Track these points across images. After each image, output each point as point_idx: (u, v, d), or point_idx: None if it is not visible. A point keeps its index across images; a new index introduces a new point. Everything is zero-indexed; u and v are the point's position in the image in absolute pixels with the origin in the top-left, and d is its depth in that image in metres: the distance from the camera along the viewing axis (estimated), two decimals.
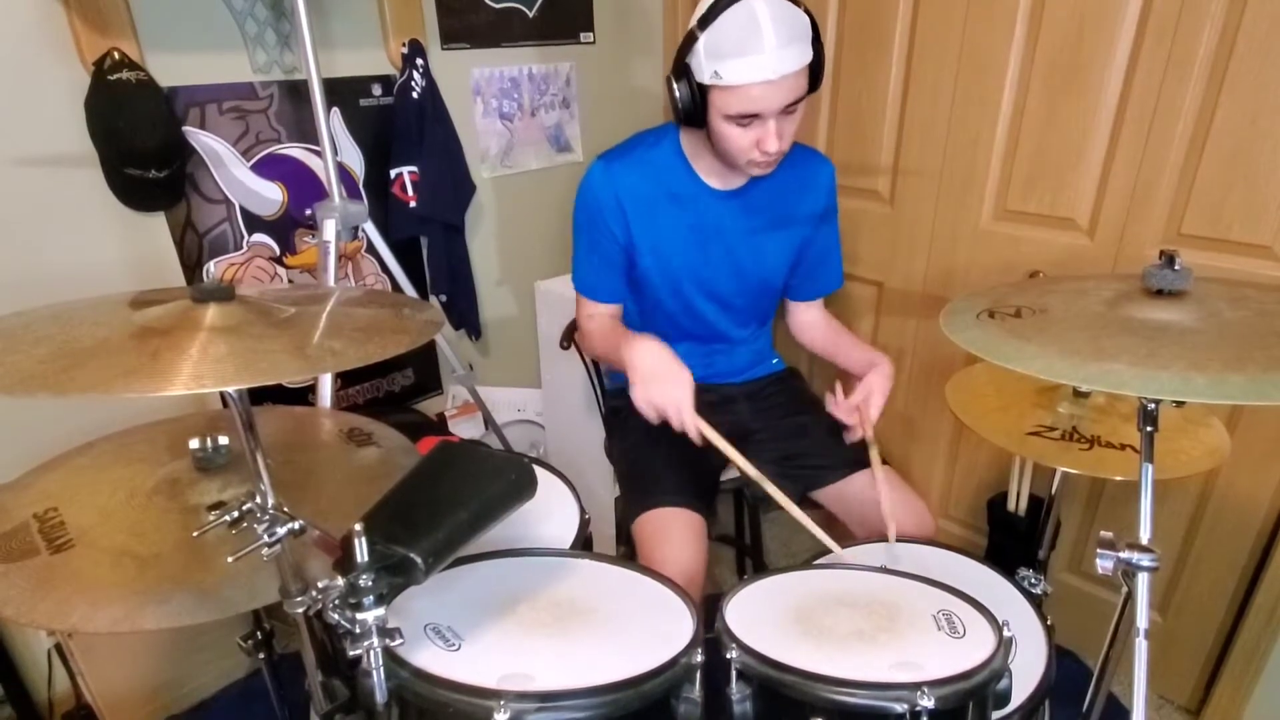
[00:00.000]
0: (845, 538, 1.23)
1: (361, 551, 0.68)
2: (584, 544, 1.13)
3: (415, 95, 1.68)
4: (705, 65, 1.07)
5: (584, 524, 1.15)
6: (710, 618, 0.90)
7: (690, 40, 1.08)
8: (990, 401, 1.25)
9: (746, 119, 1.10)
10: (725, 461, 1.40)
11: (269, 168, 1.59)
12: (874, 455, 1.28)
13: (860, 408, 1.27)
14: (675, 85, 1.12)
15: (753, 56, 1.03)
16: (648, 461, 1.32)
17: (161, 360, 0.64)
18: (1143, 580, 0.79)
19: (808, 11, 1.10)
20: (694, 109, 1.13)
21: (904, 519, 1.24)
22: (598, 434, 1.58)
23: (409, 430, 1.12)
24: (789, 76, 1.06)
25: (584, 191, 1.28)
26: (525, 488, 0.82)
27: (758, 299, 1.41)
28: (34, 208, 1.33)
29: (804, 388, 1.49)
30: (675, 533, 1.20)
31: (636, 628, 0.88)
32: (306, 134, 1.61)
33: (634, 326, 1.42)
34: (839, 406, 1.29)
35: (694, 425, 1.10)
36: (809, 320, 1.50)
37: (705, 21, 1.06)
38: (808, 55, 1.09)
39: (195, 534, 0.84)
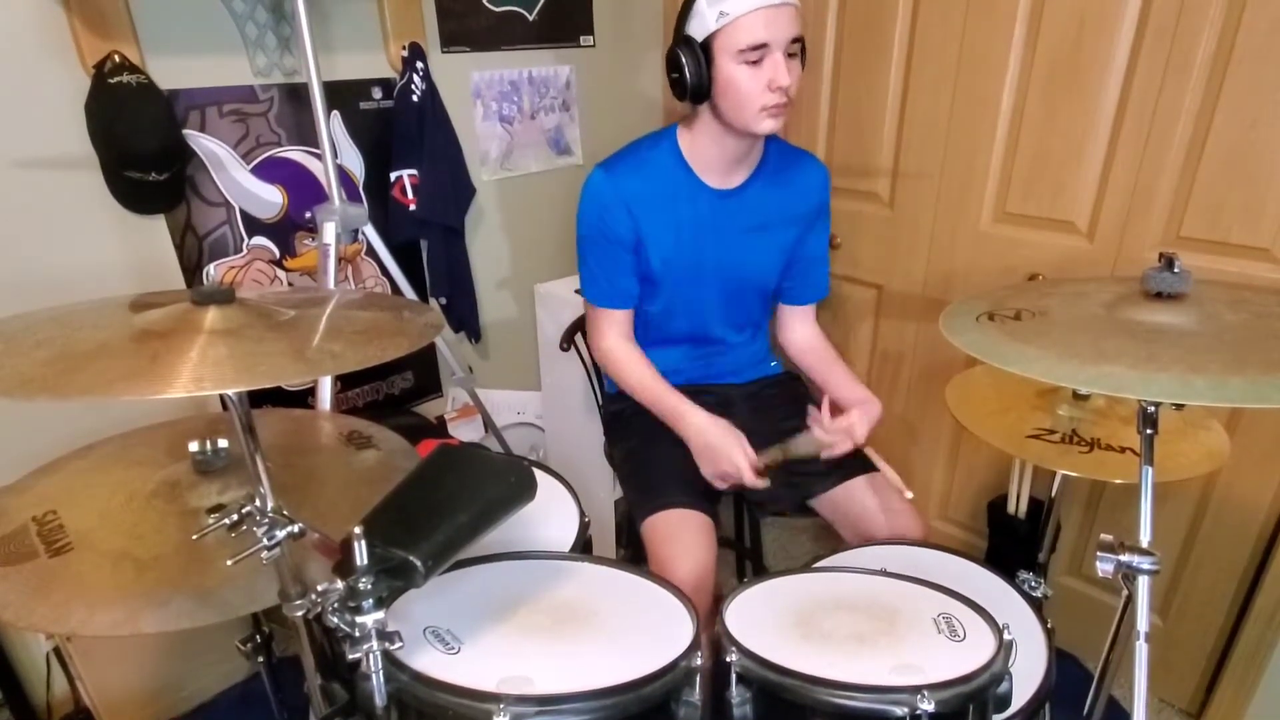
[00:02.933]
0: (838, 545, 1.23)
1: (361, 554, 0.68)
2: (584, 547, 1.13)
3: (415, 98, 1.68)
4: (708, 13, 1.11)
5: (584, 527, 1.15)
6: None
7: (688, 5, 1.13)
8: (990, 404, 1.25)
9: (756, 52, 1.11)
10: None
11: (269, 170, 1.59)
12: (871, 453, 1.30)
13: (850, 430, 1.26)
14: (680, 54, 1.15)
15: None
16: (651, 464, 1.33)
17: (161, 363, 0.64)
18: (1143, 583, 0.79)
19: None
20: (700, 73, 1.15)
21: (893, 523, 1.25)
22: (597, 437, 1.58)
23: (408, 433, 1.12)
24: (789, 5, 1.11)
25: (588, 199, 1.28)
26: (525, 491, 0.81)
27: (754, 298, 1.42)
28: (34, 210, 1.33)
29: (802, 392, 1.50)
30: (685, 533, 1.20)
31: (636, 631, 0.88)
32: (306, 137, 1.61)
33: (637, 328, 1.42)
34: (823, 423, 1.27)
35: (752, 477, 1.19)
36: (803, 336, 1.48)
37: None
38: None
39: (195, 537, 0.84)
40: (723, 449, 1.20)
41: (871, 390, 1.37)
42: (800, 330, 1.49)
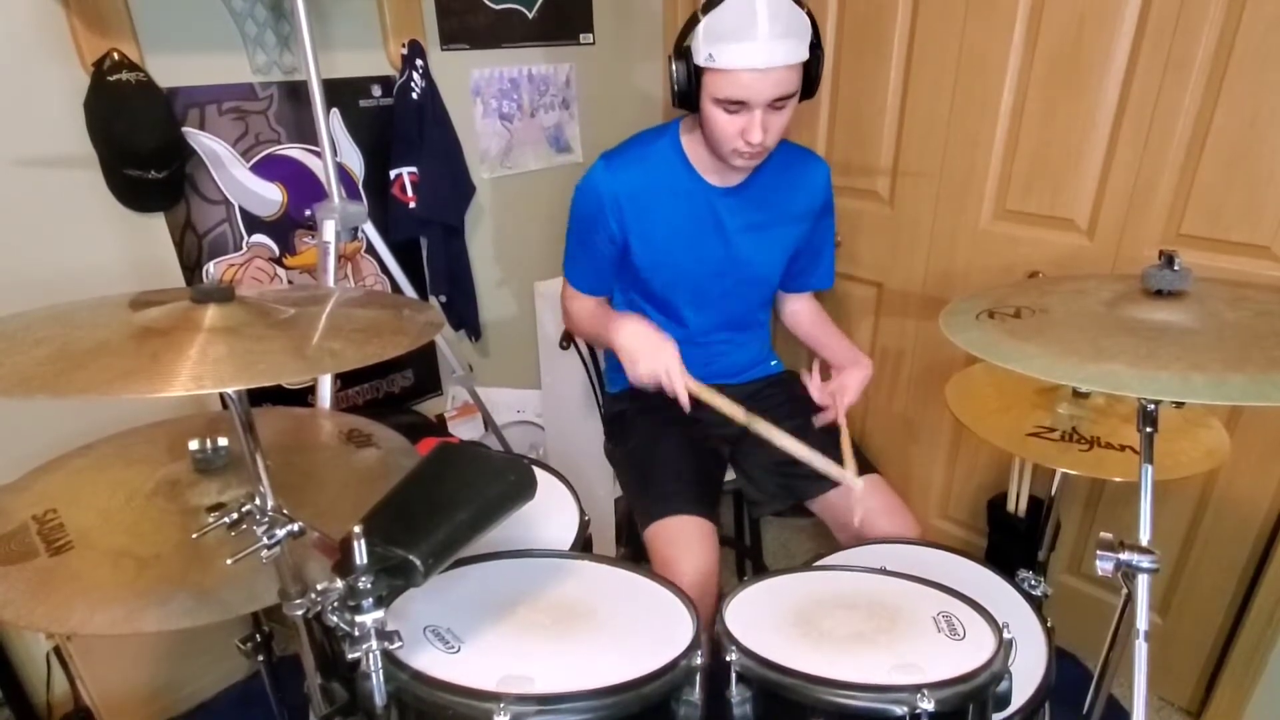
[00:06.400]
0: (836, 545, 1.23)
1: (361, 553, 0.68)
2: (584, 545, 1.13)
3: (415, 96, 1.68)
4: (702, 47, 1.10)
5: (584, 525, 1.15)
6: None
7: (692, 23, 1.12)
8: (990, 402, 1.25)
9: (734, 105, 1.12)
10: (725, 464, 1.41)
11: (268, 168, 1.59)
12: (844, 441, 1.26)
13: (835, 395, 1.30)
14: (674, 65, 1.15)
15: (746, 43, 1.07)
16: (654, 468, 1.32)
17: (161, 361, 0.64)
18: (1142, 582, 0.79)
19: (810, 14, 1.12)
20: (688, 91, 1.16)
21: (888, 525, 1.25)
22: (597, 435, 1.58)
23: (408, 431, 1.12)
24: (778, 69, 1.09)
25: (584, 189, 1.29)
26: (525, 489, 0.81)
27: (754, 296, 1.42)
28: (34, 209, 1.33)
29: (802, 391, 1.50)
30: (688, 541, 1.20)
31: (636, 630, 0.88)
32: (306, 135, 1.61)
33: None
34: (814, 387, 1.32)
35: (683, 387, 1.16)
36: (797, 308, 1.54)
37: (708, 6, 1.10)
38: (801, 54, 1.11)
39: (194, 536, 0.84)
40: (650, 349, 1.17)
41: (871, 389, 1.37)
42: (795, 303, 1.53)
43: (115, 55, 1.30)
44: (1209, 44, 1.28)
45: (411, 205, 1.75)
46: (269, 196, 1.61)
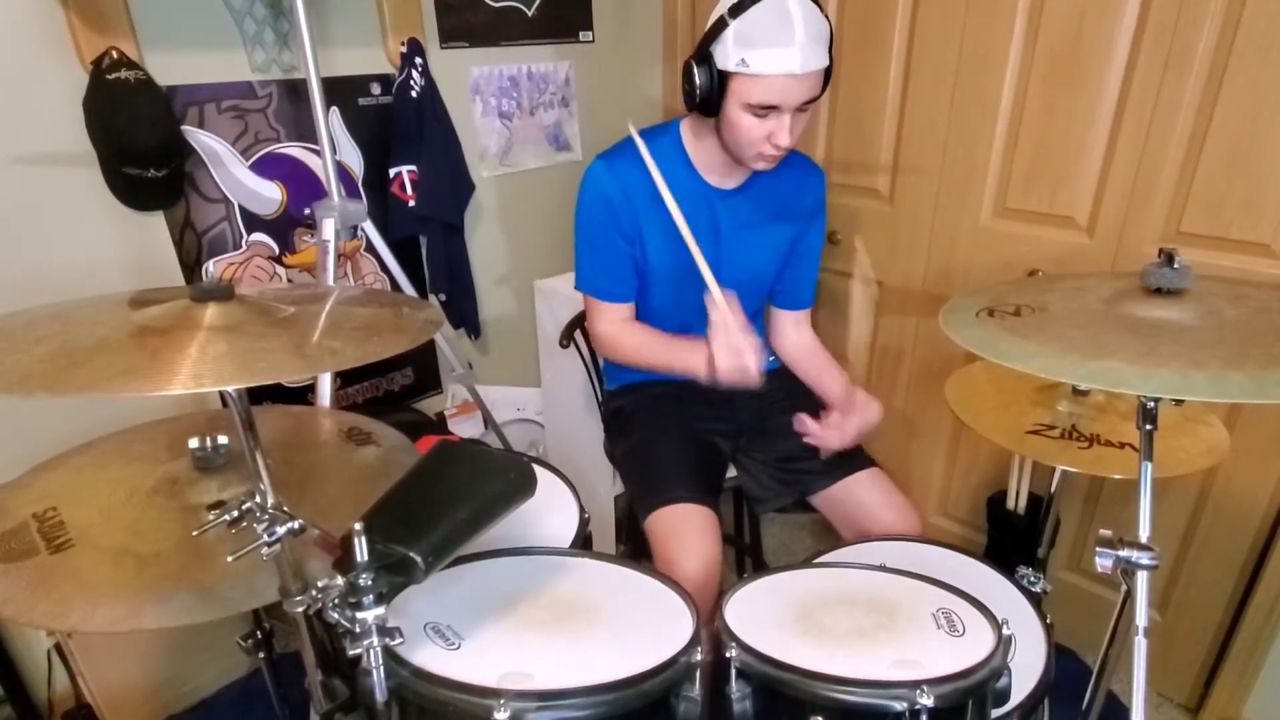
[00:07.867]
0: (836, 542, 1.23)
1: (361, 550, 0.68)
2: (583, 543, 1.13)
3: (414, 94, 1.68)
4: (732, 52, 1.09)
5: (583, 523, 1.15)
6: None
7: (719, 27, 1.11)
8: (990, 400, 1.25)
9: (765, 110, 1.12)
10: (727, 461, 1.41)
11: (268, 167, 1.59)
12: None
13: (840, 426, 1.27)
14: (695, 70, 1.14)
15: (783, 49, 1.06)
16: (654, 460, 1.33)
17: (160, 359, 0.64)
18: (1142, 578, 0.79)
19: (829, 19, 1.13)
20: (710, 96, 1.14)
21: (890, 519, 1.25)
22: (597, 433, 1.58)
23: (408, 429, 1.12)
24: (812, 74, 1.10)
25: (587, 190, 1.28)
26: (524, 487, 0.82)
27: (751, 294, 1.43)
28: (33, 207, 1.33)
29: (800, 385, 1.50)
30: (690, 528, 1.20)
31: (636, 626, 0.88)
32: (305, 133, 1.61)
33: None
34: (813, 428, 1.28)
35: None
36: (800, 342, 1.49)
37: (737, 10, 1.08)
38: (826, 59, 1.12)
39: (195, 533, 0.84)
40: (742, 366, 1.17)
41: (871, 387, 1.37)
42: (794, 336, 1.49)
43: (114, 53, 1.30)
44: (1209, 40, 1.27)
45: (411, 203, 1.75)
46: (268, 195, 1.60)
